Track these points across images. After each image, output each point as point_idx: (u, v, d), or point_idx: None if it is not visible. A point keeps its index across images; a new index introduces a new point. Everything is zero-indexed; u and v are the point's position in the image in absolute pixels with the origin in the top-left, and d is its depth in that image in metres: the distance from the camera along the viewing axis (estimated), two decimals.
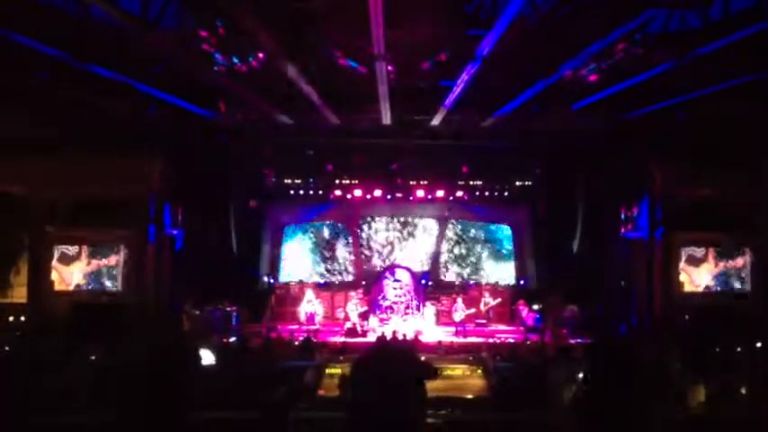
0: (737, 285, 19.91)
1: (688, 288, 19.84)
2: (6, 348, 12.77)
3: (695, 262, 19.96)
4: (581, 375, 7.36)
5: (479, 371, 11.75)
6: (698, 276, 19.96)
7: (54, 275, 19.21)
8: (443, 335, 21.10)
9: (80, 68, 13.52)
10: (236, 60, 13.84)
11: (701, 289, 19.88)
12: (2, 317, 19.12)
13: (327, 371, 11.67)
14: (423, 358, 11.48)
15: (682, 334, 17.04)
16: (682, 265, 19.85)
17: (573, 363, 8.65)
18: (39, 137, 17.77)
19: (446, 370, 11.85)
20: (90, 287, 19.32)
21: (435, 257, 26.31)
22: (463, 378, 11.65)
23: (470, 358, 12.33)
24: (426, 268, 25.84)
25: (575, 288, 22.30)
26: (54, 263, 19.23)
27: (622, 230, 21.70)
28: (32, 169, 18.54)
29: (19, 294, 19.49)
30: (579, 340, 19.08)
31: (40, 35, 12.09)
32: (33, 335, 16.97)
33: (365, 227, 26.48)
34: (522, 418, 6.26)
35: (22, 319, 19.16)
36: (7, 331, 18.18)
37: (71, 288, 19.27)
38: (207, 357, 6.26)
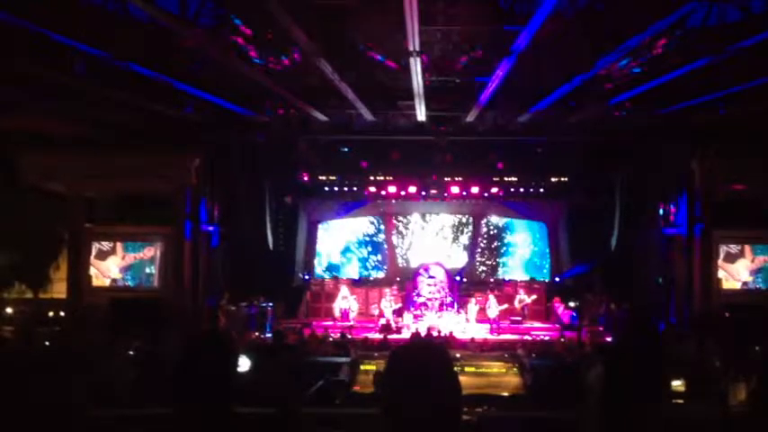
0: None
1: (727, 285, 19.51)
2: (47, 343, 12.98)
3: (734, 258, 19.62)
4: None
5: (515, 368, 11.65)
6: (737, 273, 19.62)
7: (92, 271, 19.46)
8: (478, 332, 21.03)
9: (118, 66, 13.68)
10: (271, 58, 13.93)
11: (740, 286, 19.54)
12: (42, 312, 19.47)
13: (362, 367, 11.67)
14: (457, 355, 11.52)
15: (722, 331, 16.76)
16: (721, 261, 19.53)
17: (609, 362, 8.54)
18: (77, 134, 18.04)
19: (481, 367, 11.78)
20: (127, 283, 19.55)
21: (470, 254, 26.22)
22: (498, 375, 11.57)
23: (505, 356, 12.22)
24: (461, 265, 25.77)
25: (612, 285, 22.09)
26: (92, 259, 19.47)
27: (661, 227, 21.42)
28: (71, 166, 18.80)
29: (59, 290, 19.85)
30: (616, 337, 18.89)
31: (79, 33, 12.25)
32: (73, 329, 17.25)
33: (400, 223, 26.48)
34: (556, 416, 6.20)
35: (62, 314, 19.50)
36: (48, 326, 18.53)
37: (109, 283, 19.51)
38: (243, 363, 6.27)
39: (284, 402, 5.96)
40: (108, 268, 19.61)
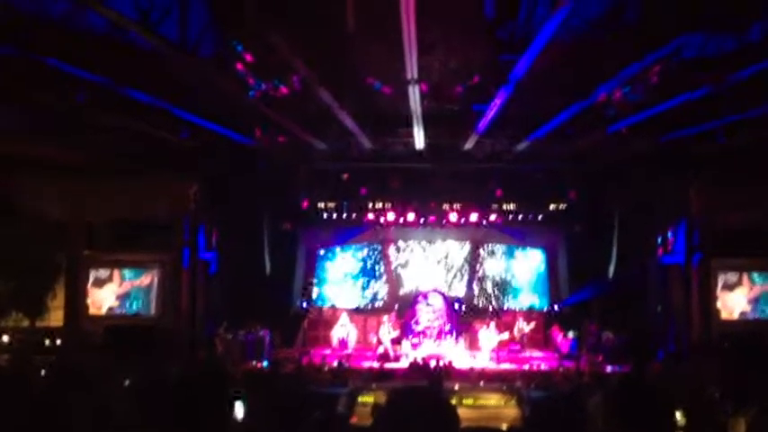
0: None
1: (726, 315, 19.46)
2: (42, 372, 12.85)
3: (732, 287, 19.59)
4: None
5: (513, 400, 11.56)
6: (736, 303, 19.57)
7: (89, 299, 19.39)
8: (476, 360, 20.90)
9: (118, 93, 13.74)
10: (271, 85, 14.00)
11: (738, 315, 19.48)
12: (39, 340, 19.33)
13: (360, 399, 11.56)
14: (456, 387, 11.45)
15: (721, 362, 16.67)
16: (719, 290, 19.49)
17: (608, 393, 8.47)
18: (76, 160, 18.06)
19: (480, 399, 11.69)
20: (124, 310, 19.47)
21: (469, 282, 26.13)
22: (497, 408, 11.48)
23: (504, 387, 12.13)
24: (460, 293, 25.67)
25: (610, 313, 22.01)
26: (89, 286, 19.41)
27: (659, 255, 21.41)
28: (70, 192, 18.81)
29: (56, 318, 19.72)
30: (615, 367, 18.81)
31: (79, 60, 12.31)
32: (68, 357, 17.13)
33: (398, 251, 26.42)
34: None
35: (58, 342, 19.36)
36: (44, 354, 18.38)
37: (105, 311, 19.42)
38: (238, 410, 6.16)
39: None
40: (105, 295, 19.55)
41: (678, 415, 6.38)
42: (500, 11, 12.85)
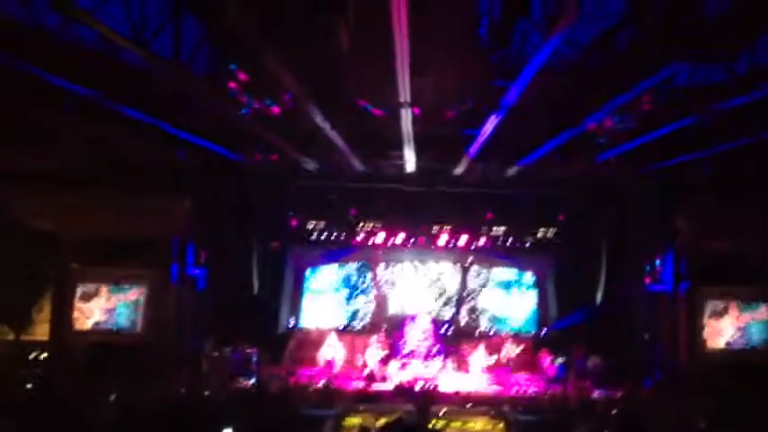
0: (764, 339, 19.50)
1: (713, 343, 19.49)
2: (28, 386, 12.77)
3: (721, 316, 19.63)
4: None
5: (500, 425, 11.52)
6: (724, 331, 19.61)
7: (76, 313, 19.28)
8: (463, 383, 20.87)
9: (109, 108, 13.74)
10: (262, 104, 14.04)
11: (725, 344, 19.51)
12: (24, 354, 19.18)
13: (346, 421, 11.50)
14: (444, 410, 11.43)
15: (708, 391, 16.69)
16: (706, 319, 19.54)
17: (595, 419, 8.51)
18: (66, 174, 18.03)
19: (468, 422, 11.67)
20: (111, 325, 19.36)
21: (457, 304, 26.12)
22: (484, 431, 11.45)
23: (491, 412, 12.08)
24: (448, 315, 25.65)
25: (598, 339, 22.04)
26: (76, 300, 19.31)
27: (646, 282, 21.47)
28: (59, 206, 18.76)
29: (41, 332, 19.58)
30: (602, 392, 18.81)
31: (70, 74, 12.31)
32: (54, 374, 17.01)
33: (387, 272, 26.41)
34: None
35: (44, 356, 19.22)
36: (29, 368, 18.24)
37: (92, 326, 19.31)
38: None
39: None
40: (91, 310, 19.43)
41: None
42: (493, 37, 12.94)
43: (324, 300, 26.17)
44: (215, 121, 15.67)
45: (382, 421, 11.23)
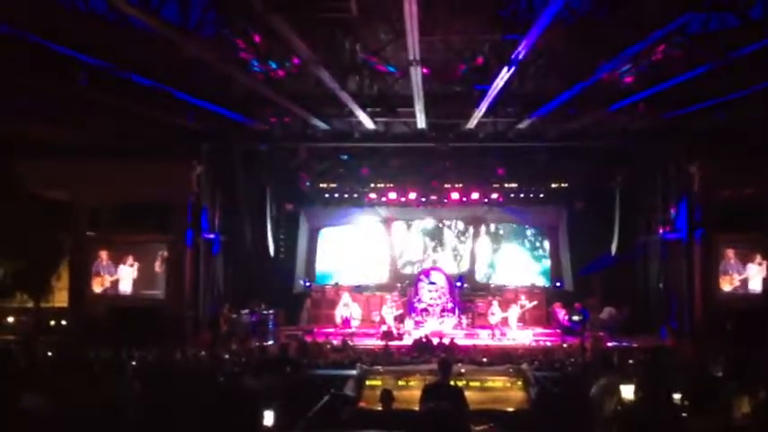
0: None
1: (728, 290, 19.50)
2: (49, 354, 12.95)
3: (735, 264, 19.62)
4: (623, 387, 7.33)
5: (519, 382, 11.61)
6: (738, 278, 19.62)
7: (93, 280, 19.49)
8: (479, 338, 21.06)
9: (120, 76, 13.72)
10: (272, 66, 13.97)
11: (741, 291, 19.52)
12: (44, 321, 19.47)
13: (368, 382, 11.62)
14: (462, 370, 11.54)
15: (724, 340, 16.76)
16: (722, 267, 19.53)
17: (613, 372, 8.57)
18: (80, 143, 18.08)
19: (486, 382, 11.77)
20: (129, 291, 19.57)
21: (470, 260, 26.24)
22: (503, 390, 11.53)
23: (510, 370, 12.18)
24: (461, 271, 25.78)
25: (613, 289, 22.13)
26: (93, 267, 19.50)
27: (660, 232, 21.47)
28: (74, 175, 18.85)
29: (60, 299, 19.86)
30: (617, 343, 18.95)
31: (80, 44, 12.29)
32: (75, 340, 17.23)
33: (400, 230, 26.51)
34: None
35: (63, 323, 19.50)
36: (49, 334, 18.52)
37: (110, 292, 19.52)
38: (267, 418, 6.25)
39: None
40: (109, 277, 19.63)
41: (678, 396, 6.45)
42: None
43: (338, 259, 26.35)
44: (226, 85, 15.62)
45: (402, 383, 11.40)
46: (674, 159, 20.19)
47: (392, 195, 23.99)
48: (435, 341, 18.95)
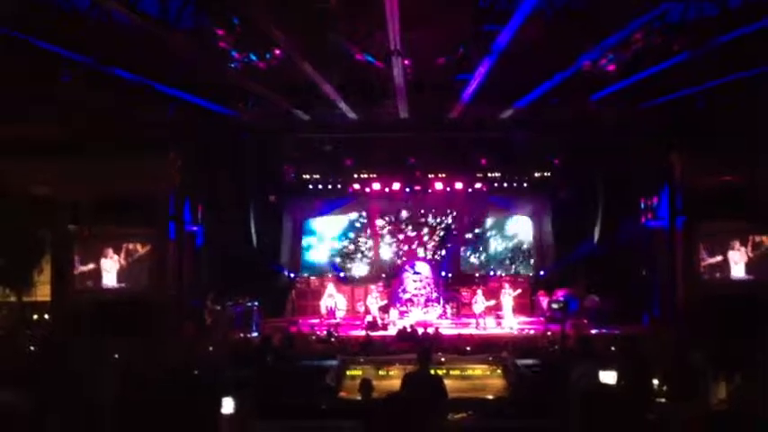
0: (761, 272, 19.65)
1: (710, 278, 19.64)
2: (32, 348, 12.90)
3: (717, 251, 19.75)
4: (601, 373, 7.39)
5: (499, 370, 11.70)
6: (721, 265, 19.76)
7: (75, 273, 19.38)
8: (463, 327, 21.16)
9: (102, 71, 13.63)
10: (253, 58, 13.90)
11: (723, 278, 19.66)
12: (26, 315, 19.36)
13: (348, 372, 11.68)
14: (442, 359, 11.62)
15: (705, 327, 16.88)
16: (703, 254, 19.67)
17: (594, 359, 8.64)
18: (61, 137, 17.94)
19: (466, 370, 11.86)
20: (112, 285, 19.48)
21: (455, 249, 26.32)
22: (483, 378, 11.64)
23: (490, 359, 12.26)
24: (446, 260, 25.86)
25: (596, 277, 22.26)
26: (75, 261, 19.40)
27: (643, 220, 21.60)
28: (55, 169, 18.70)
29: (42, 293, 19.72)
30: (600, 330, 19.10)
31: (62, 40, 12.19)
32: (58, 334, 17.16)
33: (384, 220, 26.54)
34: (541, 425, 6.27)
35: (46, 316, 19.41)
36: (31, 328, 18.42)
37: (93, 285, 19.42)
38: (227, 406, 6.25)
39: None
40: (92, 270, 19.53)
41: (656, 382, 6.52)
42: None
43: (322, 250, 26.37)
44: (206, 77, 15.54)
45: (383, 372, 11.47)
46: (655, 148, 20.28)
47: (376, 186, 24.03)
48: (420, 331, 19.03)
